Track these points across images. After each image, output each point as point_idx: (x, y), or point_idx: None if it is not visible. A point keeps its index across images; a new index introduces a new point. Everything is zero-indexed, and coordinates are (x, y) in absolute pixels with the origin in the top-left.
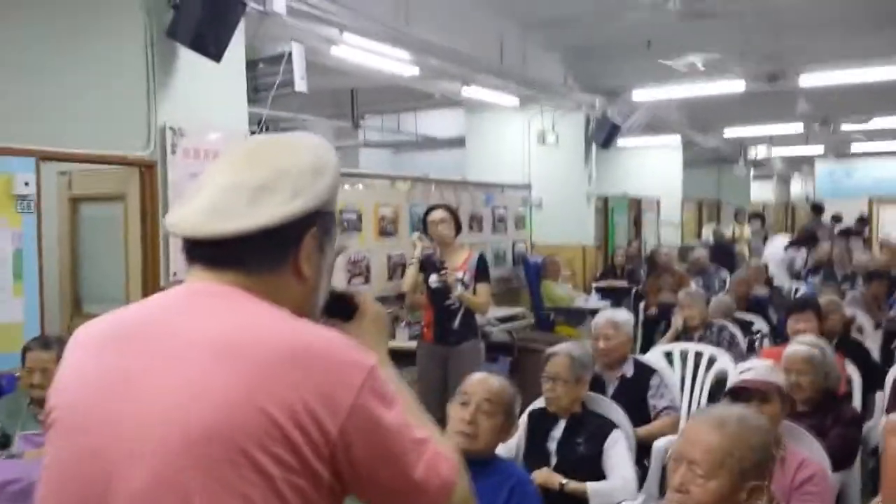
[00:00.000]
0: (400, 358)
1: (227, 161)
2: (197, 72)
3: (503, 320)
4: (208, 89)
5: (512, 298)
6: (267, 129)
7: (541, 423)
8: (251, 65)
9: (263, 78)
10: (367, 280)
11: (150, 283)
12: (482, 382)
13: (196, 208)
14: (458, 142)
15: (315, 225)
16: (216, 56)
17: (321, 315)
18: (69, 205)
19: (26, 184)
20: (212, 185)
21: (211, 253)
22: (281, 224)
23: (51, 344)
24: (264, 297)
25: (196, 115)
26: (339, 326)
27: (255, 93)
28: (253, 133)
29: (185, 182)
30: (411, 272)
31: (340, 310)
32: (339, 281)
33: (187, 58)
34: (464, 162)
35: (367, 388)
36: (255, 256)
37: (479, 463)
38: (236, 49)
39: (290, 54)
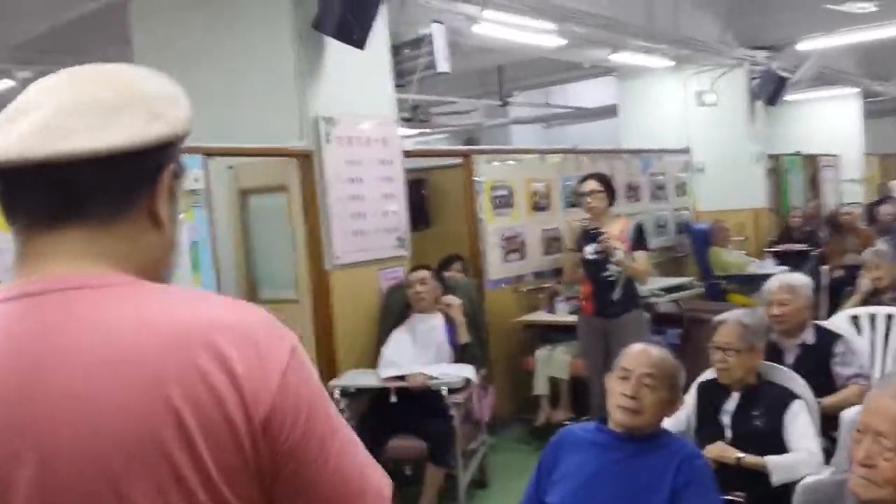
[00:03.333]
0: (560, 332)
1: (62, 80)
2: (344, 61)
3: (669, 290)
4: (356, 77)
5: (677, 268)
6: (416, 111)
7: (712, 396)
8: (395, 50)
9: (407, 62)
10: (522, 256)
11: (315, 268)
12: (642, 355)
13: (23, 132)
14: (611, 111)
15: (172, 161)
16: (360, 44)
17: None
18: (239, 196)
19: (196, 180)
20: (45, 107)
21: (45, 199)
22: (140, 148)
23: None
24: (112, 254)
25: (346, 103)
26: None
27: (401, 77)
28: (404, 119)
29: (341, 169)
30: (569, 260)
31: None
32: (495, 258)
33: (334, 48)
34: (617, 131)
35: (292, 371)
36: (103, 194)
37: (645, 438)
38: (380, 36)
39: (431, 36)
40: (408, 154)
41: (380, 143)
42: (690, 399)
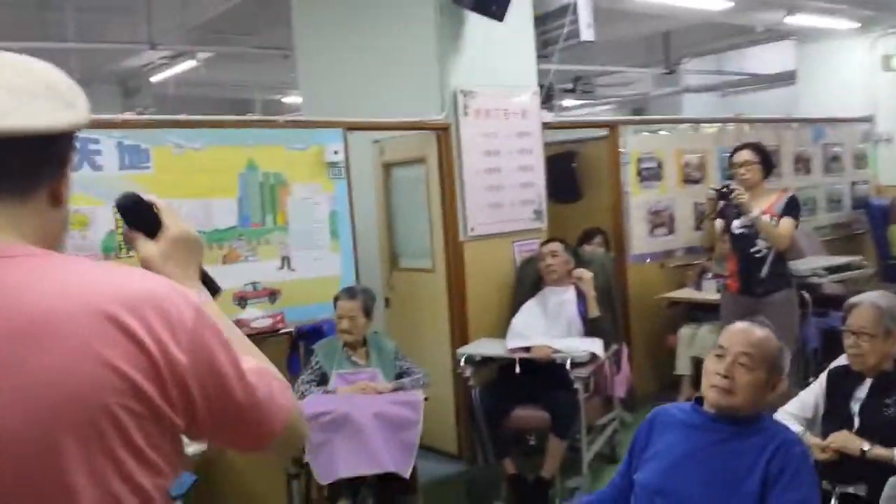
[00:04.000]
0: (706, 311)
1: None
2: (484, 33)
3: (833, 270)
4: (495, 49)
5: (851, 246)
6: (550, 87)
7: (843, 383)
8: (538, 20)
9: (552, 32)
10: (670, 231)
11: (451, 239)
12: (742, 333)
13: None
14: (790, 78)
15: (73, 148)
16: (499, 16)
17: (124, 226)
18: (383, 170)
19: (335, 152)
20: None
21: None
22: (55, 132)
23: (356, 294)
24: (25, 228)
25: (485, 76)
26: (139, 240)
27: (544, 47)
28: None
29: (477, 141)
30: (709, 230)
31: (141, 221)
32: (640, 232)
33: (474, 21)
34: (796, 99)
35: (198, 331)
36: (18, 173)
37: (740, 421)
38: (522, 6)
39: (575, 4)
40: (547, 126)
41: (518, 115)
42: (819, 385)
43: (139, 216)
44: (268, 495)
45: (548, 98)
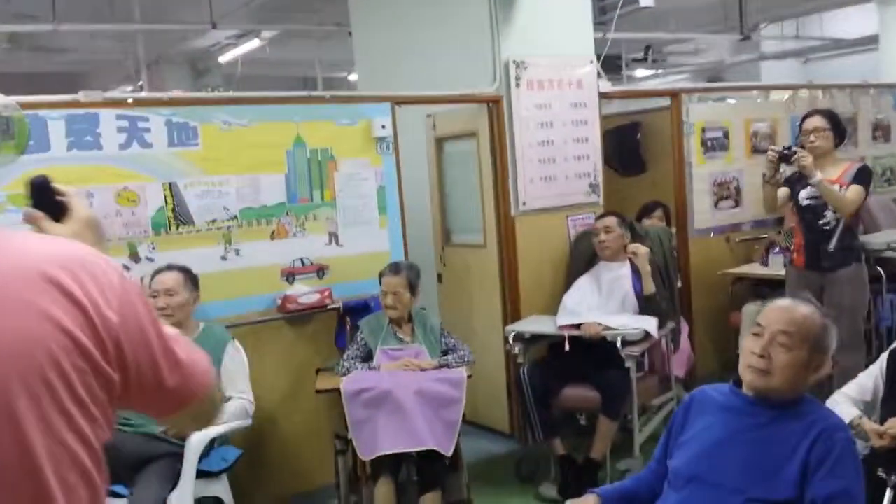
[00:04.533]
0: (774, 286)
1: None
2: (538, 2)
3: None
4: (549, 18)
5: None
6: (617, 57)
7: None
8: None
9: None
10: (736, 203)
11: (502, 214)
12: (782, 311)
13: None
14: (873, 42)
15: None
16: None
17: (29, 204)
18: (435, 144)
19: (383, 126)
20: None
21: None
22: None
23: (401, 269)
24: None
25: (539, 46)
26: (43, 221)
27: (602, 14)
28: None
29: (530, 113)
30: (769, 194)
31: (48, 204)
32: (704, 205)
33: None
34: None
35: (125, 290)
36: None
37: (781, 405)
38: None
39: None
40: (605, 96)
41: (574, 85)
42: (879, 367)
43: (47, 198)
44: (314, 470)
45: (614, 68)
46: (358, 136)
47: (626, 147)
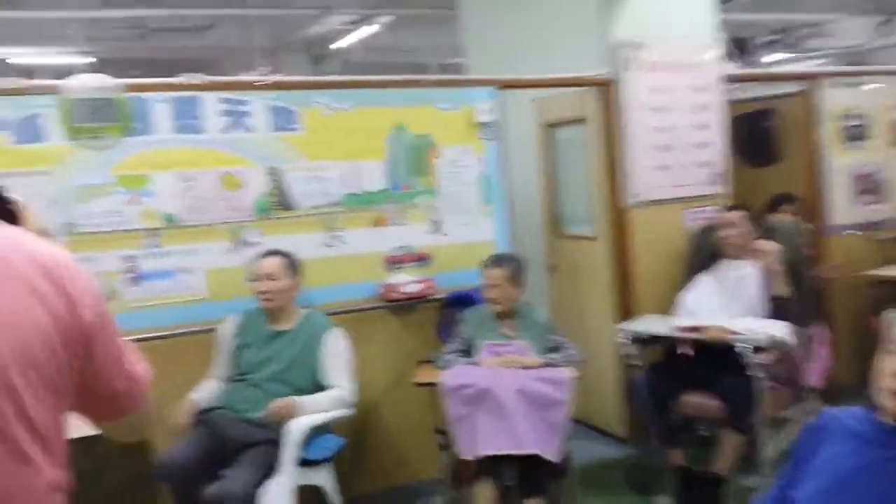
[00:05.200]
0: None
1: None
2: None
3: None
4: None
5: None
6: (743, 40)
7: None
8: None
9: None
10: (879, 198)
11: (613, 204)
12: None
13: None
14: None
15: None
16: None
17: None
18: (543, 130)
19: (487, 112)
20: None
21: None
22: None
23: (503, 261)
24: None
25: (655, 26)
26: None
27: None
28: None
29: (644, 98)
30: None
31: (1, 214)
32: (841, 199)
33: None
34: None
35: (98, 294)
36: None
37: None
38: None
39: None
40: (732, 80)
41: (693, 68)
42: None
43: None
44: (419, 462)
45: (744, 51)
46: (460, 122)
47: (756, 135)
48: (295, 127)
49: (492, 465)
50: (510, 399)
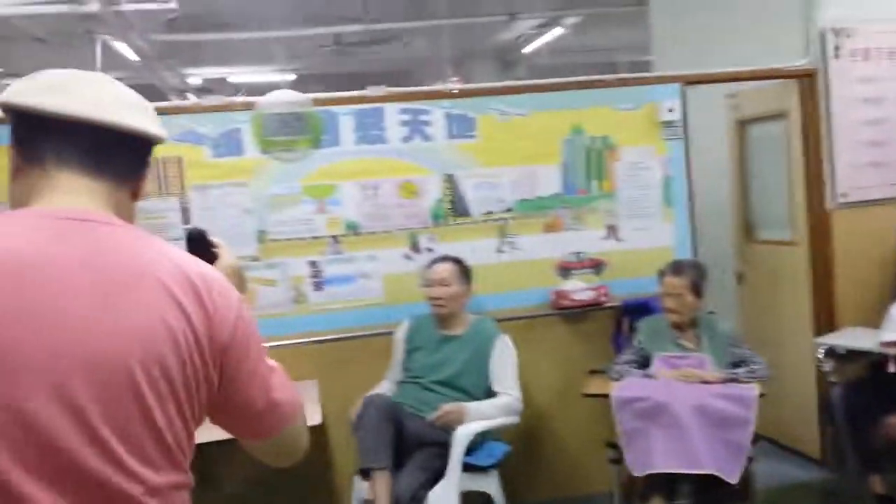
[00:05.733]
0: None
1: (94, 78)
2: None
3: None
4: None
5: None
6: None
7: None
8: None
9: None
10: None
11: (814, 206)
12: None
13: (86, 100)
14: None
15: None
16: None
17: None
18: (736, 127)
19: (671, 110)
20: (91, 91)
21: (93, 153)
22: (150, 139)
23: (683, 269)
24: (116, 208)
25: (863, 9)
26: None
27: None
28: None
29: (854, 89)
30: None
31: (201, 253)
32: None
33: None
34: None
35: (242, 312)
36: (126, 164)
37: None
38: None
39: None
40: None
41: None
42: None
43: (202, 247)
44: (589, 475)
45: None
46: (641, 122)
47: None
48: (472, 134)
49: (665, 484)
50: (687, 415)
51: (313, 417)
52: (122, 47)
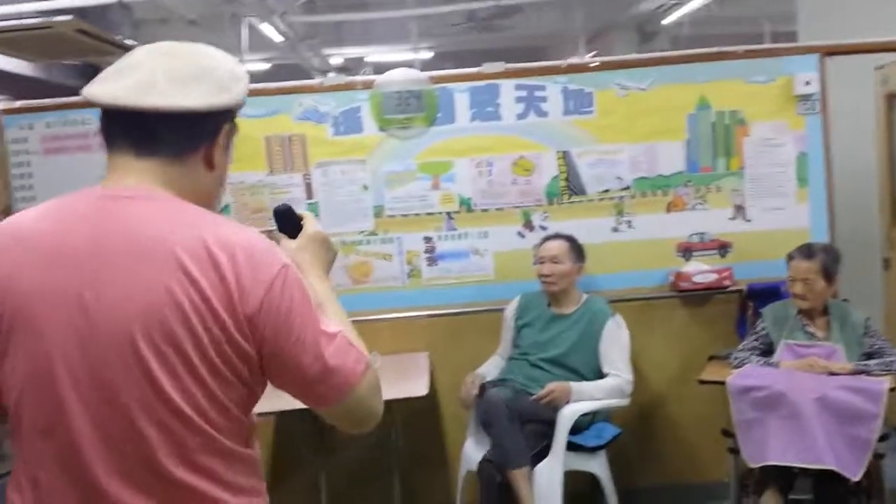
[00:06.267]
0: None
1: (160, 51)
2: None
3: None
4: None
5: None
6: None
7: None
8: None
9: None
10: None
11: None
12: None
13: (128, 85)
14: None
15: (229, 121)
16: None
17: (274, 231)
18: (885, 102)
19: (807, 83)
20: (144, 70)
21: (136, 134)
22: (208, 111)
23: (814, 253)
24: (176, 183)
25: None
26: (283, 241)
27: None
28: None
29: None
30: None
31: (289, 227)
32: None
33: None
34: None
35: (279, 282)
36: (177, 139)
37: None
38: None
39: None
40: None
41: None
42: None
43: (289, 223)
44: (707, 462)
45: None
46: (774, 96)
47: None
48: (589, 110)
49: (781, 477)
50: (808, 406)
51: (420, 388)
52: (267, 28)
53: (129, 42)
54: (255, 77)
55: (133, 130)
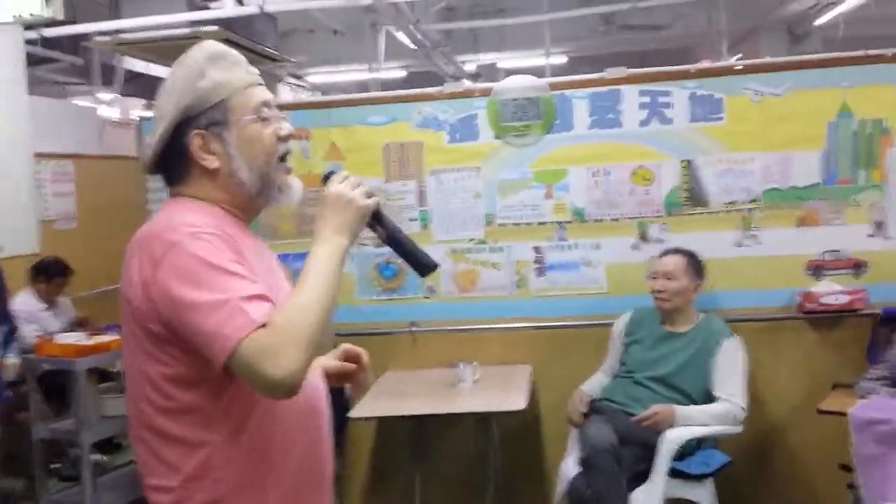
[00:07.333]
0: None
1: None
2: None
3: None
4: None
5: None
6: None
7: None
8: None
9: None
10: None
11: None
12: None
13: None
14: None
15: (192, 128)
16: None
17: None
18: None
19: None
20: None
21: (165, 179)
22: (164, 144)
23: None
24: (194, 193)
25: None
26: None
27: None
28: None
29: None
30: None
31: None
32: None
33: None
34: None
35: (167, 261)
36: (170, 173)
37: None
38: None
39: None
40: None
41: None
42: None
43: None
44: (824, 499)
45: None
46: None
47: None
48: (718, 117)
49: None
50: None
51: (519, 402)
52: (402, 37)
53: (273, 52)
54: (390, 84)
55: (164, 175)
